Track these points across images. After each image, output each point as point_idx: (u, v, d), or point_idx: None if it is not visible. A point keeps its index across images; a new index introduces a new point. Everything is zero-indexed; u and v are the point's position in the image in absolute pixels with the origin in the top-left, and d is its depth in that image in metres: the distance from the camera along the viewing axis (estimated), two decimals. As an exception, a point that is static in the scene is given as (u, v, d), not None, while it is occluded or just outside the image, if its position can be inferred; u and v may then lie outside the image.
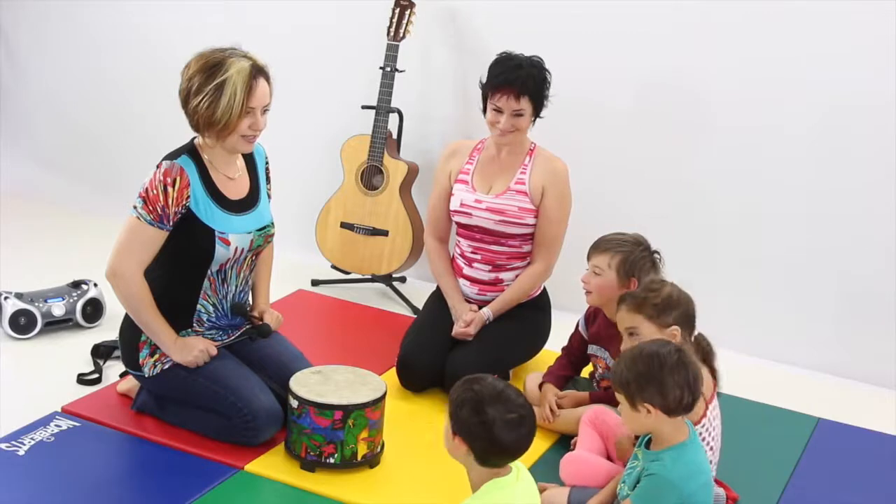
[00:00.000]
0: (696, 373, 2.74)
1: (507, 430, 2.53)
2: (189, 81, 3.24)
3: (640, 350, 2.78)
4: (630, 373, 2.71)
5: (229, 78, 3.19)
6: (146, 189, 3.23)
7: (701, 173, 4.48)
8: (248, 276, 3.47)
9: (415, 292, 4.72)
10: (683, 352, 2.76)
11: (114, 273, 3.28)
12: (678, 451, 2.73)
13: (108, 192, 5.46)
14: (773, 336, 4.42)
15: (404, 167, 4.64)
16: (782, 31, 4.24)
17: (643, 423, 2.73)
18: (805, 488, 3.39)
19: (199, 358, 3.32)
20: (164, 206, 3.22)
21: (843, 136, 4.22)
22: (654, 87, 4.49)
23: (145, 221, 3.23)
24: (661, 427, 2.72)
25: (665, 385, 2.67)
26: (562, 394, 3.60)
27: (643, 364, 2.70)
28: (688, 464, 2.73)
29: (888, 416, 3.97)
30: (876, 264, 4.24)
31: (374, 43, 4.68)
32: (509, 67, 3.76)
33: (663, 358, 2.69)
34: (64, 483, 3.10)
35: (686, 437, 2.75)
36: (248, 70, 3.22)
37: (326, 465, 3.22)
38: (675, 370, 2.69)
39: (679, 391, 2.68)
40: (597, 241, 3.57)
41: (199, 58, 3.26)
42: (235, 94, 3.20)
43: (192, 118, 3.27)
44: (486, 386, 2.59)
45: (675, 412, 2.71)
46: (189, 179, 3.24)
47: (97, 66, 5.57)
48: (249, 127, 3.27)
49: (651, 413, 2.69)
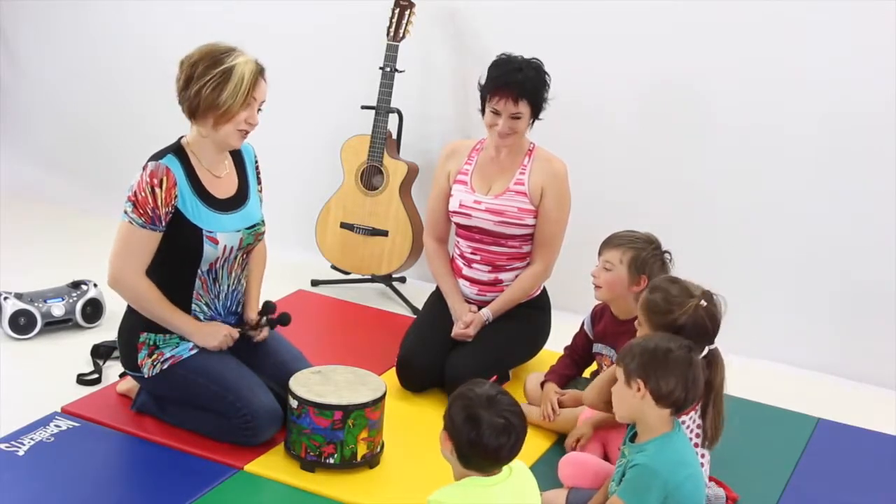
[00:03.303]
0: (698, 377, 2.77)
1: (492, 436, 2.54)
2: (192, 67, 3.26)
3: (656, 339, 2.84)
4: (638, 348, 2.78)
5: (238, 65, 3.24)
6: (134, 192, 3.24)
7: (701, 173, 4.48)
8: (240, 275, 3.47)
9: (415, 292, 4.71)
10: (694, 352, 2.79)
11: (116, 281, 3.32)
12: (662, 441, 2.75)
13: (108, 192, 5.45)
14: (773, 336, 4.42)
15: (404, 167, 4.64)
16: (783, 31, 4.24)
17: (630, 402, 2.77)
18: (805, 488, 3.39)
19: (224, 342, 3.35)
20: (154, 208, 3.23)
21: (844, 136, 4.22)
22: (655, 87, 4.49)
23: (137, 225, 3.24)
24: (647, 413, 2.75)
25: (665, 372, 2.72)
26: (563, 392, 3.60)
27: (653, 347, 2.77)
28: (672, 453, 2.74)
29: (888, 416, 3.97)
30: (876, 264, 4.24)
31: (374, 43, 4.68)
32: (508, 70, 3.75)
33: (673, 350, 2.76)
34: (64, 483, 3.10)
35: (670, 429, 2.77)
36: (255, 64, 3.29)
37: (326, 465, 3.22)
38: (680, 364, 2.73)
39: (675, 383, 2.72)
40: (609, 236, 3.58)
41: (204, 47, 3.29)
42: (243, 81, 3.23)
43: (192, 102, 3.26)
44: (483, 390, 2.60)
45: (664, 401, 2.73)
46: (175, 178, 3.25)
47: (97, 65, 5.57)
48: (246, 120, 3.29)
49: (640, 392, 2.73)
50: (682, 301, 3.02)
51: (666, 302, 3.03)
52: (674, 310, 3.00)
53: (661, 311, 3.02)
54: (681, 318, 2.98)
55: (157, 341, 3.35)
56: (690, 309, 3.00)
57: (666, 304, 3.02)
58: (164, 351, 3.34)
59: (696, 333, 2.97)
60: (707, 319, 3.01)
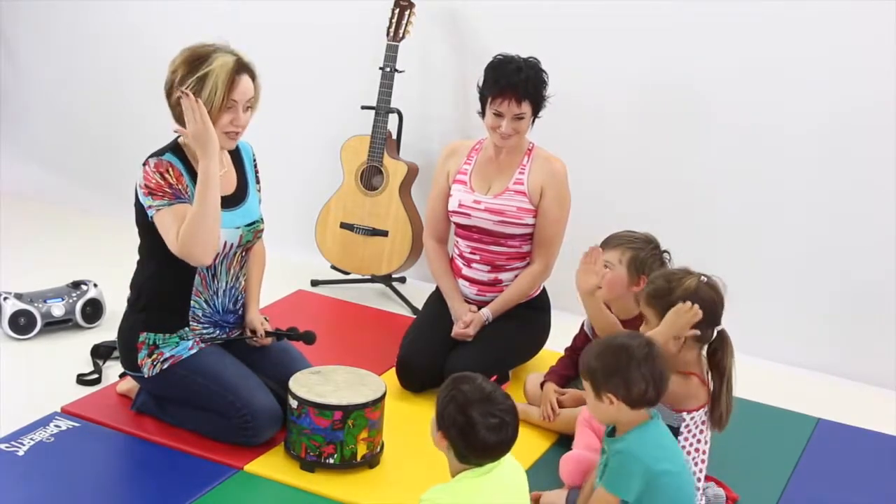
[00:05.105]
0: (664, 369, 2.76)
1: (488, 433, 2.57)
2: (173, 73, 3.27)
3: (610, 340, 2.81)
4: (597, 362, 2.75)
5: (212, 71, 3.21)
6: (145, 185, 3.24)
7: (701, 173, 4.48)
8: (238, 272, 3.47)
9: (414, 292, 4.71)
10: (654, 346, 2.78)
11: (199, 261, 3.24)
12: (640, 430, 2.75)
13: (108, 192, 5.46)
14: (772, 336, 4.42)
15: (404, 167, 4.64)
16: (783, 30, 4.24)
17: (606, 411, 2.76)
18: (805, 488, 3.39)
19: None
20: (170, 185, 3.23)
21: (844, 136, 4.22)
22: (655, 86, 4.49)
23: (166, 206, 3.22)
24: (623, 417, 2.75)
25: (630, 378, 2.70)
26: (563, 392, 3.60)
27: (611, 355, 2.74)
28: (650, 439, 2.74)
29: (888, 416, 3.97)
30: (876, 264, 4.24)
31: (374, 43, 4.68)
32: (509, 72, 3.74)
33: (632, 350, 2.72)
34: (64, 483, 3.10)
35: (647, 418, 2.77)
36: (232, 65, 3.24)
37: (326, 465, 3.22)
38: (643, 363, 2.71)
39: (644, 385, 2.71)
40: (609, 237, 3.59)
41: (186, 50, 3.29)
42: (217, 88, 3.21)
43: (175, 109, 3.28)
44: (475, 387, 2.62)
45: (638, 405, 2.74)
46: (181, 171, 3.26)
47: (97, 66, 5.57)
48: (231, 122, 3.28)
49: (613, 404, 2.73)
50: (683, 277, 3.02)
51: (667, 281, 3.03)
52: (674, 288, 2.99)
53: (664, 291, 3.01)
54: (683, 295, 2.97)
55: (156, 341, 3.35)
56: (693, 285, 2.99)
57: (667, 282, 3.02)
58: (164, 351, 3.34)
59: (705, 310, 2.95)
60: (712, 294, 3.00)
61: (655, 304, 3.03)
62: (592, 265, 3.30)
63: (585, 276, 3.31)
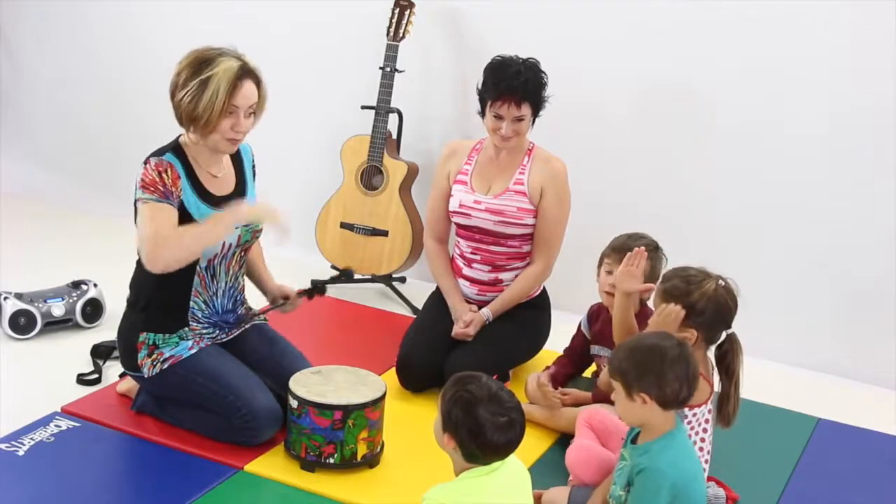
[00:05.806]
0: (696, 369, 2.75)
1: (497, 433, 2.57)
2: (178, 75, 3.27)
3: (641, 341, 2.79)
4: (629, 362, 2.72)
5: (214, 75, 3.21)
6: (142, 179, 3.25)
7: (701, 173, 4.48)
8: (237, 272, 3.47)
9: (415, 292, 4.71)
10: (685, 346, 2.77)
11: (154, 263, 3.23)
12: (665, 441, 2.73)
13: (108, 192, 5.46)
14: (772, 336, 4.42)
15: (404, 167, 4.64)
16: (783, 30, 4.24)
17: (637, 412, 2.73)
18: (805, 488, 3.39)
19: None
20: (163, 185, 3.23)
21: (844, 136, 4.22)
22: (655, 86, 4.49)
23: (153, 201, 3.23)
24: (652, 419, 2.73)
25: (664, 377, 2.68)
26: (564, 391, 3.60)
27: (644, 354, 2.71)
28: (676, 452, 2.73)
29: (888, 416, 3.97)
30: (876, 264, 4.24)
31: (374, 43, 4.68)
32: (509, 74, 3.74)
33: (665, 350, 2.70)
34: (64, 483, 3.10)
35: (673, 427, 2.76)
36: (235, 70, 3.24)
37: (326, 465, 3.22)
38: (676, 363, 2.70)
39: (678, 384, 2.69)
40: (613, 242, 3.57)
41: (192, 53, 3.29)
42: (218, 93, 3.21)
43: (177, 112, 3.29)
44: (480, 386, 2.61)
45: (671, 405, 2.72)
46: (179, 173, 3.27)
47: (97, 66, 5.57)
48: (232, 128, 3.27)
49: (647, 403, 2.70)
50: (702, 280, 3.02)
51: (685, 282, 3.03)
52: (693, 290, 3.00)
53: (681, 292, 3.01)
54: (701, 299, 2.98)
55: (156, 341, 3.35)
56: (710, 289, 3.00)
57: (685, 284, 3.02)
58: (164, 351, 3.34)
59: (718, 315, 2.98)
60: (728, 299, 3.01)
61: (670, 302, 3.03)
62: (634, 268, 3.28)
63: (626, 277, 3.28)
